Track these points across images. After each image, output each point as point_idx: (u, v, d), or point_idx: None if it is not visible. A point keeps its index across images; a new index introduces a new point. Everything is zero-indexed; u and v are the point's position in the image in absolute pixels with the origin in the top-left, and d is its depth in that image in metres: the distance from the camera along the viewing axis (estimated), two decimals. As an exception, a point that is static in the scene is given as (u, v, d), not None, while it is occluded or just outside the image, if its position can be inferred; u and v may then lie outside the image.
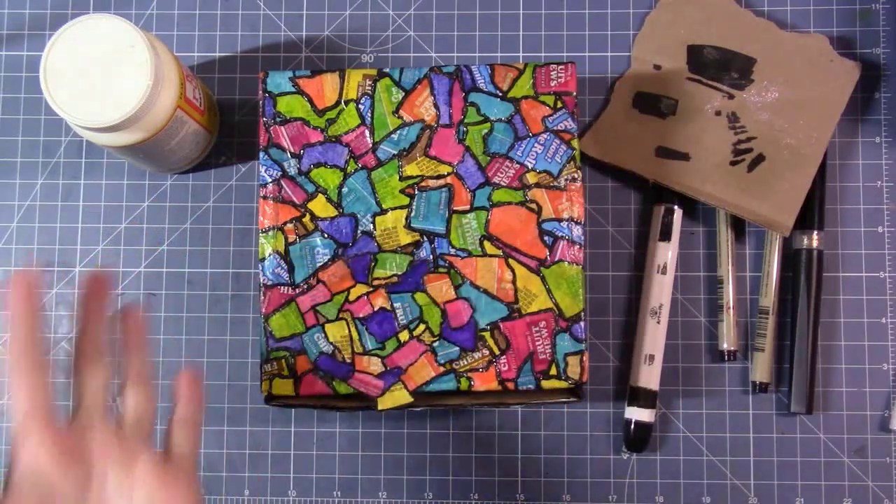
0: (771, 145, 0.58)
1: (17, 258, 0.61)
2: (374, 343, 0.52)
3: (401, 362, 0.52)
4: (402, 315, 0.52)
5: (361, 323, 0.52)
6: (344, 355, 0.52)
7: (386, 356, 0.52)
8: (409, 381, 0.52)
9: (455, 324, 0.52)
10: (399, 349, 0.52)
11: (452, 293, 0.51)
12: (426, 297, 0.52)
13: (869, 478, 0.58)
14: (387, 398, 0.52)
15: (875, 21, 0.61)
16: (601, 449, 0.59)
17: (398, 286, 0.52)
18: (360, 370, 0.52)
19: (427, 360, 0.51)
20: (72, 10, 0.62)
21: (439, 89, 0.54)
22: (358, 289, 0.52)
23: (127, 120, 0.49)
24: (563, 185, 0.53)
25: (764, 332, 0.58)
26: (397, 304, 0.52)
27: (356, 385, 0.51)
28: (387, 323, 0.52)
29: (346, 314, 0.52)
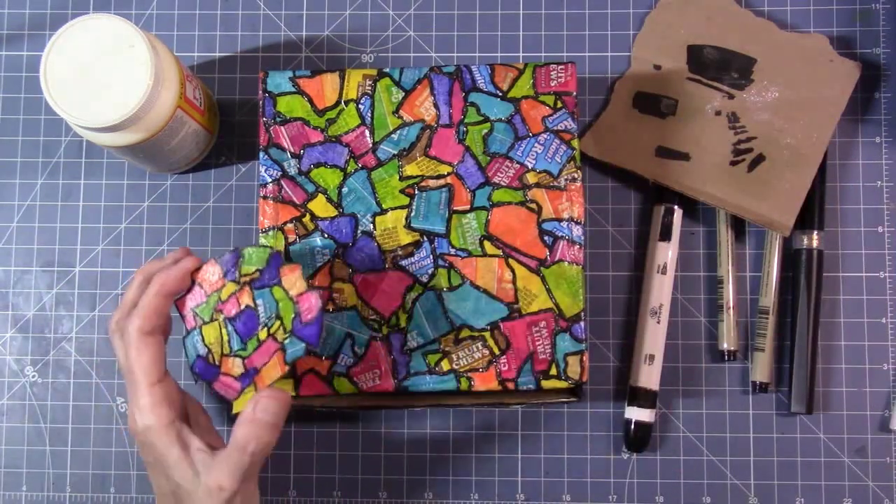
0: (771, 145, 0.58)
1: (17, 258, 0.61)
2: (239, 344, 0.47)
3: (257, 363, 0.47)
4: (263, 312, 0.47)
5: (230, 323, 0.48)
6: (214, 357, 0.48)
7: (246, 357, 0.47)
8: (260, 382, 0.46)
9: (305, 318, 0.46)
10: (257, 349, 0.47)
11: (303, 285, 0.46)
12: (281, 291, 0.47)
13: (869, 478, 0.58)
14: (240, 401, 0.48)
15: (875, 21, 0.61)
16: (601, 449, 0.59)
17: (259, 281, 0.47)
18: (224, 372, 0.47)
19: (278, 358, 0.46)
20: (72, 10, 0.62)
21: (439, 89, 0.54)
22: (229, 287, 0.48)
23: (127, 120, 0.49)
24: (563, 185, 0.53)
25: (764, 332, 0.58)
26: (259, 300, 0.47)
27: (218, 388, 0.47)
28: (250, 321, 0.47)
29: (217, 315, 0.48)
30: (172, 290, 0.47)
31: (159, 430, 0.45)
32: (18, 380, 0.60)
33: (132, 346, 0.45)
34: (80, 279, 0.60)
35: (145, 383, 0.45)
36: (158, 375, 0.45)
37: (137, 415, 0.45)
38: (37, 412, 0.59)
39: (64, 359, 0.60)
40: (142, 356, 0.45)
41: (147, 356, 0.45)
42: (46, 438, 0.59)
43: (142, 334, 0.45)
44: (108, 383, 0.60)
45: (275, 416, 0.45)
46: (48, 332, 0.60)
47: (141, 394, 0.45)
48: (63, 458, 0.59)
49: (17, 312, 0.60)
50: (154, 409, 0.45)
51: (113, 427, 0.59)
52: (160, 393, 0.45)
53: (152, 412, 0.45)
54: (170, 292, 0.47)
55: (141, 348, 0.45)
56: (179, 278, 0.47)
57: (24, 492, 0.59)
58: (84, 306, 0.60)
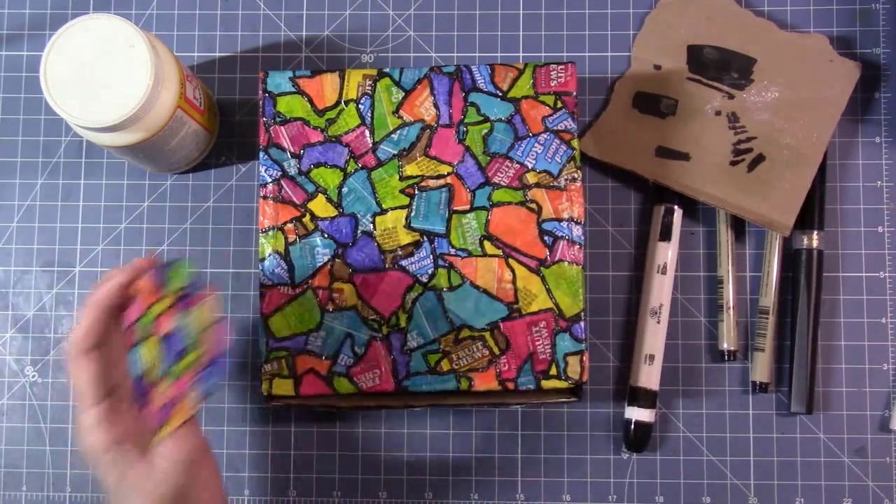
0: (771, 145, 0.58)
1: (17, 258, 0.61)
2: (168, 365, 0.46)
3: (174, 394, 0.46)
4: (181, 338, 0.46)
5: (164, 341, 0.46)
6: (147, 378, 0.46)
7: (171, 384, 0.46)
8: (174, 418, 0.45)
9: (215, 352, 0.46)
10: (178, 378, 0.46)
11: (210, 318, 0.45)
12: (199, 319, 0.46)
13: (869, 478, 0.58)
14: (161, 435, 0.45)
15: (875, 21, 0.61)
16: (601, 449, 0.59)
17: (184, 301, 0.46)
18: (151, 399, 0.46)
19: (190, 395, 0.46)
20: (72, 10, 0.62)
21: (439, 89, 0.54)
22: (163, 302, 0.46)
23: (127, 120, 0.49)
24: (563, 185, 0.53)
25: (764, 332, 0.58)
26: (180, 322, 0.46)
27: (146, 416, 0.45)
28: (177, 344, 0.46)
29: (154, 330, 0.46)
30: (108, 303, 0.44)
31: (97, 454, 0.44)
32: (18, 380, 0.60)
33: (71, 364, 0.44)
34: (80, 279, 0.60)
35: (86, 402, 0.44)
36: (97, 396, 0.44)
37: (83, 433, 0.44)
38: (37, 412, 0.59)
39: (64, 359, 0.60)
40: (80, 375, 0.44)
41: (84, 376, 0.44)
42: (46, 438, 0.59)
43: (78, 353, 0.44)
44: (108, 383, 0.60)
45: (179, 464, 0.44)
46: (48, 332, 0.60)
47: (83, 413, 0.44)
48: (63, 458, 0.59)
49: (17, 312, 0.60)
50: (92, 430, 0.44)
51: (113, 427, 0.59)
52: (99, 414, 0.44)
53: (91, 435, 0.44)
54: (103, 307, 0.44)
55: (78, 366, 0.44)
56: (113, 291, 0.44)
57: (24, 492, 0.59)
58: (84, 306, 0.60)
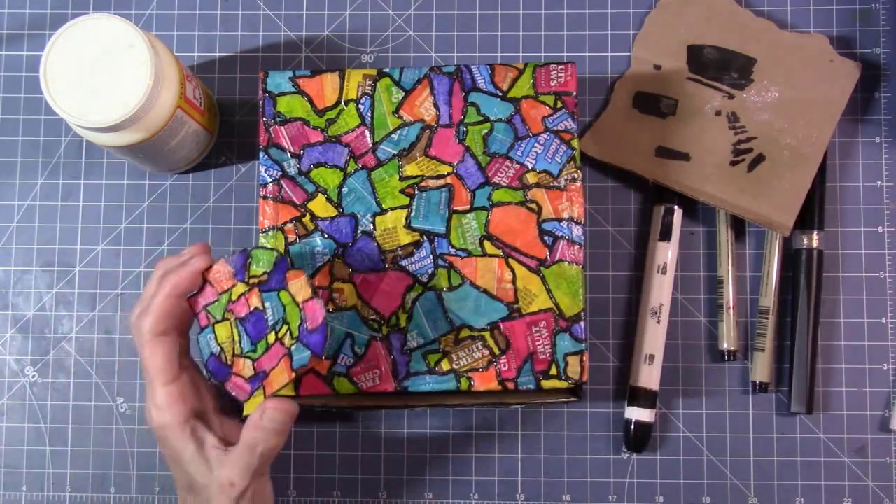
0: (771, 145, 0.58)
1: (17, 258, 0.61)
2: (249, 345, 0.48)
3: (266, 366, 0.47)
4: (271, 315, 0.48)
5: (241, 323, 0.48)
6: (226, 357, 0.48)
7: (256, 359, 0.48)
8: (269, 387, 0.47)
9: (310, 325, 0.46)
10: (266, 352, 0.47)
11: (309, 291, 0.46)
12: (288, 296, 0.47)
13: (869, 478, 0.58)
14: (249, 404, 0.48)
15: (875, 21, 0.61)
16: (601, 449, 0.59)
17: (267, 284, 0.48)
18: (236, 373, 0.48)
19: (285, 364, 0.46)
20: (72, 10, 0.62)
21: (439, 89, 0.54)
22: (239, 287, 0.48)
23: (127, 120, 0.49)
24: (563, 185, 0.53)
25: (764, 332, 0.58)
26: (267, 303, 0.48)
27: (229, 388, 0.48)
28: (259, 324, 0.48)
29: (229, 314, 0.48)
30: (184, 291, 0.47)
31: (174, 427, 0.46)
32: (18, 380, 0.60)
33: (145, 347, 0.46)
34: (80, 279, 0.60)
35: (160, 382, 0.46)
36: (173, 374, 0.46)
37: (154, 412, 0.47)
38: (37, 412, 0.59)
39: (64, 359, 0.60)
40: (155, 357, 0.46)
41: (160, 356, 0.46)
42: (46, 438, 0.59)
43: (154, 335, 0.46)
44: (108, 383, 0.60)
45: (280, 423, 0.46)
46: (48, 332, 0.60)
47: (157, 392, 0.46)
48: (63, 458, 0.59)
49: (17, 312, 0.60)
50: (169, 407, 0.46)
51: (113, 427, 0.59)
52: (175, 392, 0.46)
53: (168, 410, 0.46)
54: (181, 293, 0.47)
55: (154, 349, 0.46)
56: (190, 278, 0.47)
57: (24, 492, 0.59)
58: (84, 306, 0.60)
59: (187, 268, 0.47)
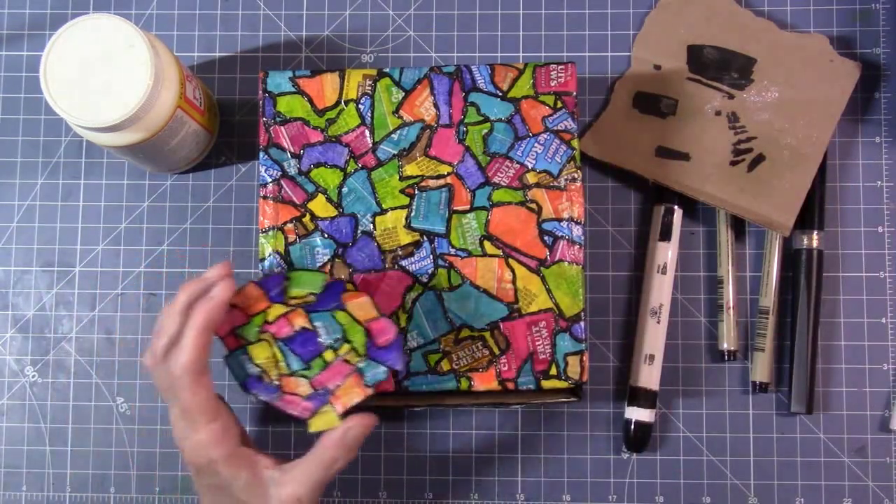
0: (771, 145, 0.58)
1: (17, 258, 0.61)
2: (299, 364, 0.48)
3: (327, 383, 0.48)
4: (325, 335, 0.48)
5: (285, 344, 0.48)
6: (269, 377, 0.49)
7: (312, 377, 0.48)
8: (338, 402, 0.48)
9: (381, 342, 0.48)
10: (325, 370, 0.48)
11: (374, 311, 0.48)
12: (346, 316, 0.48)
13: (869, 478, 0.58)
14: (318, 420, 0.48)
15: (875, 21, 0.61)
16: (601, 449, 0.59)
17: (316, 305, 0.48)
18: (288, 392, 0.48)
19: (355, 381, 0.48)
20: (72, 10, 0.62)
21: (439, 89, 0.54)
22: (276, 309, 0.48)
23: (127, 120, 0.49)
24: (563, 185, 0.53)
25: (764, 332, 0.58)
26: (317, 322, 0.48)
27: (283, 406, 0.48)
28: (309, 343, 0.48)
29: (265, 335, 0.49)
30: (217, 323, 0.46)
31: (225, 461, 0.46)
32: (18, 380, 0.60)
33: (187, 390, 0.45)
34: (80, 279, 0.60)
35: (204, 421, 0.46)
36: (216, 411, 0.46)
37: (200, 449, 0.46)
38: (37, 412, 0.59)
39: (64, 359, 0.60)
40: (197, 396, 0.46)
41: (203, 395, 0.46)
42: (46, 438, 0.59)
43: (196, 375, 0.45)
44: (108, 383, 0.60)
45: (361, 440, 0.47)
46: (48, 332, 0.60)
47: (201, 431, 0.46)
48: (63, 458, 0.59)
49: (17, 312, 0.60)
50: (217, 444, 0.46)
51: (113, 427, 0.59)
52: (220, 428, 0.46)
53: (217, 447, 0.46)
54: (214, 326, 0.46)
55: (197, 389, 0.45)
56: (221, 310, 0.46)
57: (24, 492, 0.59)
58: (84, 306, 0.60)
59: (217, 300, 0.46)
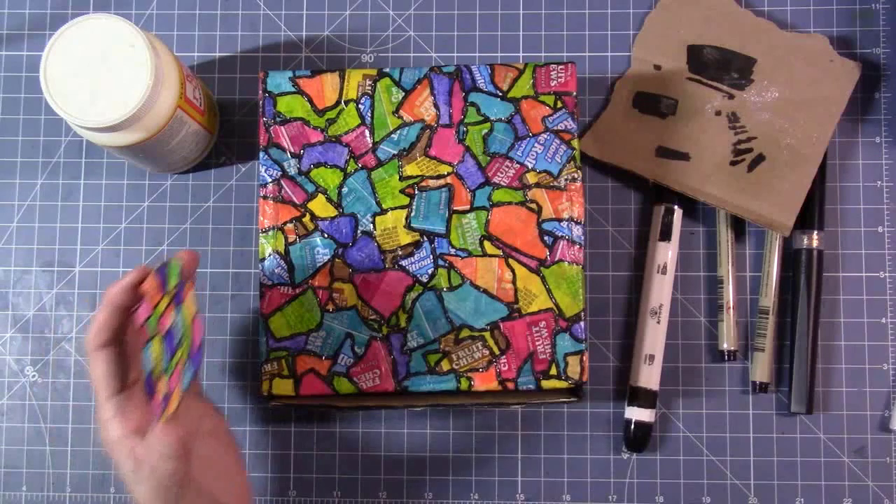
0: (771, 145, 0.58)
1: (17, 258, 0.61)
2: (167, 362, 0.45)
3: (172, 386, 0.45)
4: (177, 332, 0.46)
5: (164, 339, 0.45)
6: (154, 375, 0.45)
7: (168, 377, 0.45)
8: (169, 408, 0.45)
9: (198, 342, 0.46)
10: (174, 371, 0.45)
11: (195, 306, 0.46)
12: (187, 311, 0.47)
13: (869, 478, 0.58)
14: None
15: (875, 21, 0.61)
16: (601, 449, 0.59)
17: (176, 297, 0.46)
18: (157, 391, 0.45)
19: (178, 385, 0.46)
20: (72, 10, 0.62)
21: (439, 89, 0.54)
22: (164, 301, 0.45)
23: (127, 120, 0.49)
24: (563, 185, 0.53)
25: (764, 332, 0.58)
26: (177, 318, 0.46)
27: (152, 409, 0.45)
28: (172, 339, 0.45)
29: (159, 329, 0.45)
30: (119, 304, 0.45)
31: (113, 443, 0.45)
32: (18, 380, 0.60)
33: (88, 360, 0.46)
34: (80, 279, 0.60)
35: (102, 396, 0.45)
36: (115, 388, 0.45)
37: (101, 427, 0.46)
38: (37, 412, 0.59)
39: (64, 359, 0.60)
40: (95, 370, 0.45)
41: (100, 369, 0.45)
42: (46, 438, 0.59)
43: (93, 348, 0.45)
44: (108, 383, 0.60)
45: (170, 448, 0.44)
46: (48, 332, 0.60)
47: (100, 406, 0.46)
48: (63, 458, 0.59)
49: (17, 312, 0.60)
50: (110, 422, 0.45)
51: (113, 427, 0.59)
52: (115, 406, 0.45)
53: (108, 425, 0.45)
54: (117, 305, 0.45)
55: (94, 362, 0.45)
56: (123, 290, 0.45)
57: (24, 492, 0.59)
58: (84, 306, 0.60)
59: (121, 282, 0.45)
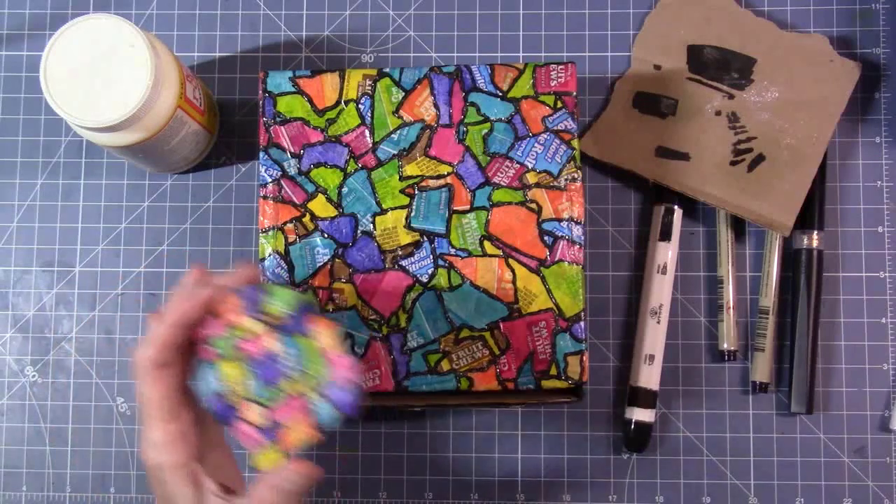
0: (771, 145, 0.58)
1: (17, 258, 0.61)
2: (260, 391, 0.43)
3: (280, 418, 0.42)
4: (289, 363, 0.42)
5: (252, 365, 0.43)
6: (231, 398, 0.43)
7: (270, 408, 0.43)
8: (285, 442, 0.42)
9: (341, 382, 0.42)
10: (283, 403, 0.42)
11: (339, 346, 0.42)
12: (311, 346, 0.42)
13: (869, 478, 0.58)
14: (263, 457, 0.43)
15: (875, 21, 0.61)
16: (601, 449, 0.59)
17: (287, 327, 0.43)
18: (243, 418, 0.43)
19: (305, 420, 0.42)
20: (72, 10, 0.62)
21: (439, 89, 0.54)
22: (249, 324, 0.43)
23: (127, 120, 0.49)
24: (563, 185, 0.53)
25: (764, 332, 0.58)
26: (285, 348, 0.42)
27: (236, 434, 0.43)
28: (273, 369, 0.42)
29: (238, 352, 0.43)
30: (189, 321, 0.43)
31: (172, 469, 0.42)
32: (18, 380, 0.60)
33: (145, 380, 0.42)
34: (80, 279, 0.60)
35: (158, 418, 0.42)
36: (175, 411, 0.42)
37: (150, 450, 0.43)
38: (37, 412, 0.59)
39: (64, 359, 0.60)
40: (154, 390, 0.42)
41: (159, 390, 0.42)
42: (46, 438, 0.59)
43: (154, 367, 0.42)
44: (108, 383, 0.60)
45: (300, 488, 0.42)
46: (48, 332, 0.60)
47: (154, 429, 0.42)
48: (63, 458, 0.59)
49: (17, 312, 0.60)
50: (167, 447, 0.42)
51: (113, 427, 0.59)
52: (175, 430, 0.42)
53: (166, 451, 0.42)
54: (186, 323, 0.43)
55: (153, 382, 0.42)
56: (196, 308, 0.43)
57: (24, 492, 0.59)
58: (84, 306, 0.60)
59: (192, 298, 0.43)
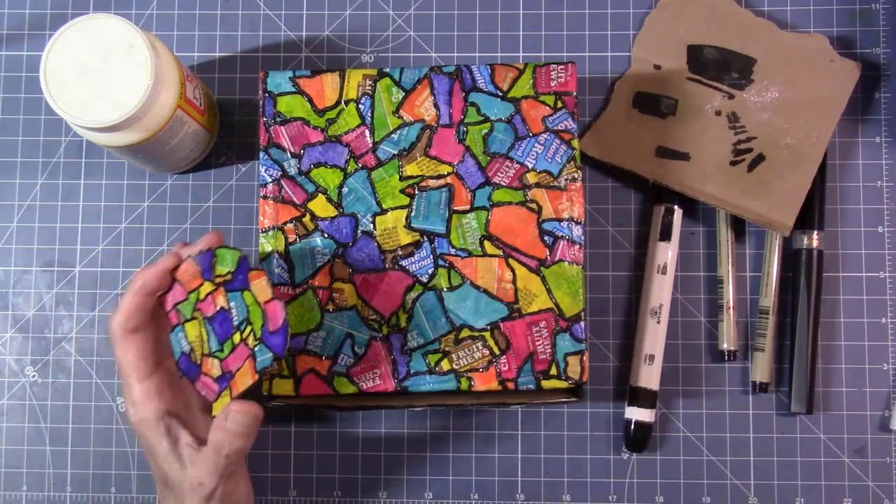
0: (771, 145, 0.58)
1: (17, 258, 0.61)
2: (217, 345, 0.48)
3: (232, 366, 0.47)
4: (236, 315, 0.47)
5: (209, 323, 0.48)
6: (196, 356, 0.48)
7: (223, 359, 0.48)
8: (234, 387, 0.47)
9: (272, 327, 0.46)
10: (232, 352, 0.47)
11: (270, 293, 0.46)
12: (251, 297, 0.47)
13: (869, 478, 0.58)
14: (217, 404, 0.48)
15: (875, 21, 0.61)
16: (601, 449, 0.59)
17: (231, 284, 0.48)
18: (204, 372, 0.48)
19: (249, 365, 0.46)
20: (72, 10, 0.62)
21: (439, 89, 0.54)
22: (206, 286, 0.48)
23: (127, 120, 0.49)
24: (563, 185, 0.53)
25: (764, 332, 0.58)
26: (232, 303, 0.48)
27: (199, 388, 0.48)
28: (225, 324, 0.48)
29: (197, 313, 0.48)
30: (151, 288, 0.48)
31: (150, 423, 0.47)
32: (18, 380, 0.60)
33: (117, 345, 0.48)
34: (80, 279, 0.60)
35: (134, 378, 0.47)
36: (147, 370, 0.47)
37: (131, 408, 0.48)
38: (37, 412, 0.59)
39: (64, 359, 0.60)
40: (127, 353, 0.47)
41: (132, 352, 0.47)
42: (46, 438, 0.59)
43: (124, 332, 0.47)
44: (108, 383, 0.60)
45: (244, 426, 0.46)
46: (48, 332, 0.60)
47: (132, 389, 0.47)
48: (63, 458, 0.59)
49: (17, 312, 0.60)
50: (144, 403, 0.47)
51: (113, 427, 0.59)
52: (150, 387, 0.47)
53: (143, 406, 0.47)
54: (149, 290, 0.48)
55: (125, 346, 0.47)
56: (157, 276, 0.48)
57: (24, 492, 0.59)
58: (84, 306, 0.60)
59: (154, 266, 0.48)
